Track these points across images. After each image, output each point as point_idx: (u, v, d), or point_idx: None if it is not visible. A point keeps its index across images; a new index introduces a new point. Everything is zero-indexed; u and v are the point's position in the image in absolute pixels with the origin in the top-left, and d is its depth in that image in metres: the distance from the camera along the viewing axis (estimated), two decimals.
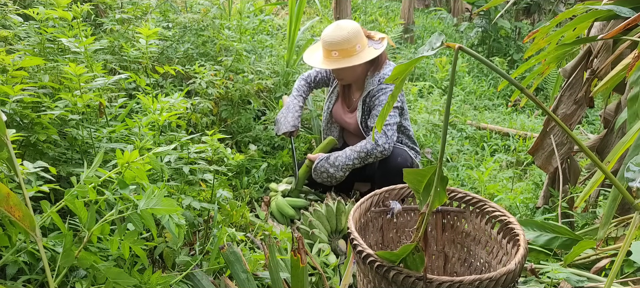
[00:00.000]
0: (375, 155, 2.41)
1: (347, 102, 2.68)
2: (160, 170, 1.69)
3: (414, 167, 2.48)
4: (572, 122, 2.44)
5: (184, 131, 2.03)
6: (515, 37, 6.78)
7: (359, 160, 2.42)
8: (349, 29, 2.40)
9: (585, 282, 1.62)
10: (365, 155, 2.41)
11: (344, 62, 2.39)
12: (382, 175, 2.45)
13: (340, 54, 2.40)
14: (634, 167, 1.07)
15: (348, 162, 2.43)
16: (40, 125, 1.57)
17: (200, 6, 3.41)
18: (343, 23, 2.46)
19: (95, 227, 1.22)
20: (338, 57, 2.40)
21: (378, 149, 2.40)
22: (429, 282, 1.19)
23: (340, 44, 2.38)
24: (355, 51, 2.40)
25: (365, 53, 2.42)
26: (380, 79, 2.48)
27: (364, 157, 2.42)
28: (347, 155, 2.43)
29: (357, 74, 2.50)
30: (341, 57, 2.40)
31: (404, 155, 2.47)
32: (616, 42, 2.10)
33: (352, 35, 2.40)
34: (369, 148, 2.40)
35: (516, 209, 2.79)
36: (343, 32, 2.39)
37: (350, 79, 2.54)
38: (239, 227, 2.12)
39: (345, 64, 2.39)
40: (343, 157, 2.44)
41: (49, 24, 1.99)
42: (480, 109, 5.10)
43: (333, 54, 2.41)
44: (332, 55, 2.41)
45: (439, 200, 1.14)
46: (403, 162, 2.43)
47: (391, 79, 1.12)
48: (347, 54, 2.40)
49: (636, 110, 1.44)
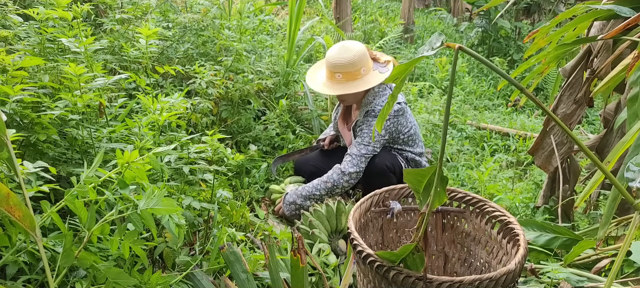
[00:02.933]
0: (342, 186, 2.34)
1: (346, 118, 2.66)
2: (160, 170, 1.69)
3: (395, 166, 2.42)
4: (572, 121, 2.44)
5: (184, 131, 2.03)
6: (515, 37, 6.79)
7: (326, 190, 2.33)
8: (355, 52, 2.33)
9: (585, 282, 1.63)
10: (332, 187, 2.33)
11: (348, 86, 2.33)
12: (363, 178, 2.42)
13: (345, 77, 2.33)
14: (634, 167, 1.07)
15: (315, 192, 2.34)
16: (40, 125, 1.57)
17: (200, 6, 3.41)
18: (349, 44, 2.39)
19: (95, 227, 1.22)
20: (342, 79, 2.34)
21: (344, 179, 2.33)
22: (429, 282, 1.19)
23: (344, 66, 2.31)
24: (360, 74, 2.34)
25: (370, 77, 2.35)
26: (368, 110, 2.41)
27: (331, 188, 2.34)
28: (314, 185, 2.36)
29: (359, 97, 2.44)
30: (345, 80, 2.34)
31: (381, 155, 2.40)
32: (616, 42, 2.10)
33: (358, 58, 2.32)
34: (335, 178, 2.33)
35: (516, 209, 2.79)
36: (349, 55, 2.32)
37: (351, 101, 2.48)
38: (239, 227, 2.12)
39: (348, 90, 2.32)
40: (310, 187, 2.36)
41: (49, 24, 1.99)
42: (480, 109, 5.11)
43: (337, 76, 2.34)
44: (336, 78, 2.35)
45: (439, 200, 1.14)
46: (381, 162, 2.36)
47: (391, 78, 1.12)
48: (351, 77, 2.33)
49: (636, 110, 1.44)
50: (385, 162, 2.37)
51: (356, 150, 2.36)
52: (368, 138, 2.36)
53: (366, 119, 2.40)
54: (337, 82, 2.36)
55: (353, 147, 2.40)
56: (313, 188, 2.35)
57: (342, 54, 2.34)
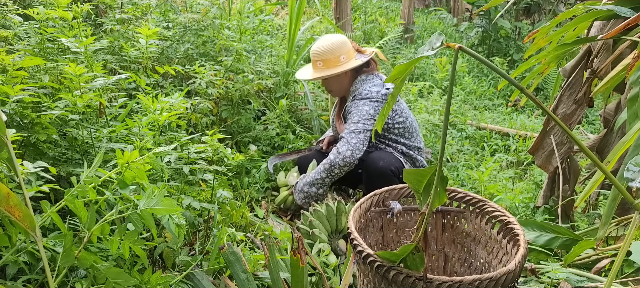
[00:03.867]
0: (339, 165, 2.35)
1: (340, 112, 2.69)
2: (160, 170, 1.69)
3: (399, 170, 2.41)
4: (572, 121, 2.44)
5: (184, 131, 2.03)
6: (515, 37, 6.79)
7: (326, 172, 2.37)
8: (333, 40, 2.46)
9: (585, 282, 1.63)
10: (330, 167, 2.36)
11: (326, 71, 2.43)
12: (367, 179, 2.43)
13: (324, 64, 2.45)
14: (634, 167, 1.07)
15: (317, 177, 2.39)
16: (40, 125, 1.57)
17: (200, 6, 3.41)
18: (329, 35, 2.54)
19: (95, 227, 1.22)
20: (322, 67, 2.46)
21: (339, 157, 2.34)
22: (429, 282, 1.19)
23: (323, 54, 2.44)
24: (339, 62, 2.44)
25: (350, 64, 2.45)
26: (355, 95, 2.46)
27: (330, 169, 2.36)
28: (316, 170, 2.43)
29: (344, 86, 2.53)
30: (325, 67, 2.45)
31: (387, 159, 2.40)
32: (616, 42, 2.10)
33: (336, 46, 2.44)
34: (331, 158, 2.37)
35: (516, 209, 2.79)
36: (326, 43, 2.46)
37: (337, 90, 2.57)
38: (239, 227, 2.12)
39: (327, 72, 2.42)
40: (313, 173, 2.42)
41: (49, 24, 1.99)
42: (480, 109, 5.11)
43: (318, 64, 2.47)
44: (317, 66, 2.47)
45: (439, 200, 1.14)
46: (386, 166, 2.36)
47: (391, 78, 1.12)
48: (331, 64, 2.44)
49: (636, 110, 1.44)
50: (390, 167, 2.38)
51: (347, 131, 2.42)
52: (357, 116, 2.41)
53: (353, 102, 2.47)
54: (318, 69, 2.48)
55: (345, 128, 2.45)
56: (315, 173, 2.42)
57: (321, 42, 2.49)
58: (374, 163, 2.38)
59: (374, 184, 2.27)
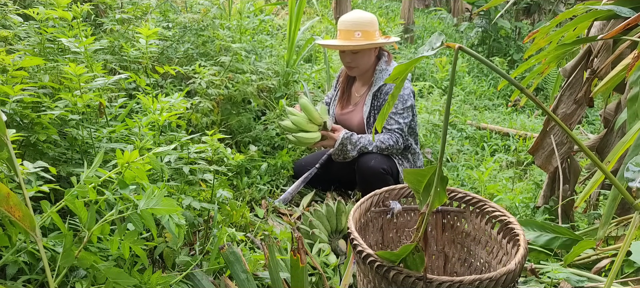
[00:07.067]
0: (396, 149, 2.44)
1: (346, 98, 2.66)
2: (160, 170, 1.69)
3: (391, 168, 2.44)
4: (572, 121, 2.44)
5: (184, 131, 2.03)
6: (515, 37, 6.79)
7: (378, 150, 2.42)
8: (370, 14, 2.48)
9: (585, 282, 1.63)
10: (386, 148, 2.42)
11: (366, 42, 2.41)
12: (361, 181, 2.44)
13: (363, 35, 2.42)
14: (634, 167, 1.07)
15: (368, 146, 2.43)
16: (40, 125, 1.57)
17: (200, 6, 3.41)
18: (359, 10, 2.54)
19: (95, 227, 1.21)
20: (361, 38, 2.42)
21: (396, 146, 2.43)
22: (429, 282, 1.19)
23: (365, 24, 2.42)
24: (375, 36, 2.45)
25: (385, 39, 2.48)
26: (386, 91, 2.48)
27: (384, 149, 2.42)
28: (369, 140, 2.43)
29: (369, 65, 2.52)
30: (364, 39, 2.42)
31: (378, 158, 2.40)
32: (616, 42, 2.10)
33: (375, 20, 2.48)
34: (391, 143, 2.42)
35: (516, 209, 2.79)
36: (366, 14, 2.46)
37: (363, 67, 2.52)
38: (239, 227, 2.12)
39: (367, 43, 2.40)
40: (365, 140, 2.43)
41: (49, 24, 1.99)
42: (480, 109, 5.11)
43: (356, 34, 2.42)
44: (355, 36, 2.42)
45: (439, 200, 1.14)
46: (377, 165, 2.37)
47: (391, 79, 1.12)
48: (369, 37, 2.42)
49: (636, 110, 1.44)
50: (382, 165, 2.38)
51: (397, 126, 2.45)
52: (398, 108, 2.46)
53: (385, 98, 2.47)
54: (356, 40, 2.43)
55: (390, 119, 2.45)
56: (367, 142, 2.43)
57: (360, 14, 2.47)
58: (365, 164, 2.39)
59: (368, 184, 2.27)
